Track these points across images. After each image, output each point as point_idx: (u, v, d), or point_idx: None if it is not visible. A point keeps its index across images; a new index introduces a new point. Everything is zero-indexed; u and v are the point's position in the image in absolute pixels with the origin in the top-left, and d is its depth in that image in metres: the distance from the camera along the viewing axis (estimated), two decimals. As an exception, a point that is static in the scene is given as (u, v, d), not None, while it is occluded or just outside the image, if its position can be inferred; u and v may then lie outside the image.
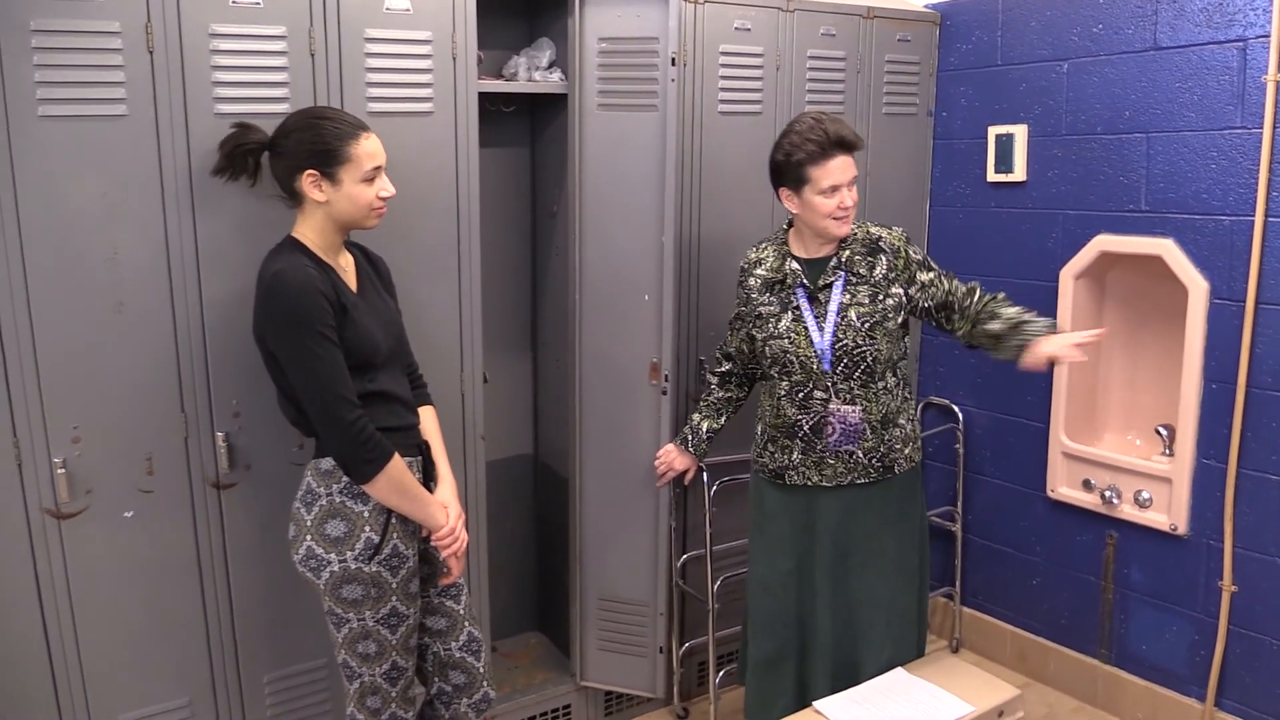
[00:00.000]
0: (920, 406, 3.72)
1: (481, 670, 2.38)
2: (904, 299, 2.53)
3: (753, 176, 3.04)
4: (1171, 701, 3.07)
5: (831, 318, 2.50)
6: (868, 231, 2.55)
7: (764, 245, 2.65)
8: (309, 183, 2.06)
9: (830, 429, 2.52)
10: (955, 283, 2.57)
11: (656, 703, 3.24)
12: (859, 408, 2.51)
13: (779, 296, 2.58)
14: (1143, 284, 3.12)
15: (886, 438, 2.54)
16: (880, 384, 2.53)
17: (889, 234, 2.55)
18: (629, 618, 2.99)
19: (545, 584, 3.45)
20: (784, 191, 2.51)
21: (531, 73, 2.86)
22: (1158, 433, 3.06)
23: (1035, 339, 2.44)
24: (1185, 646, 3.03)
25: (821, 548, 2.60)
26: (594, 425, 2.93)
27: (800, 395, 2.55)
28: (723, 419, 2.83)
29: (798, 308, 2.54)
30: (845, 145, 2.44)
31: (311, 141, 2.06)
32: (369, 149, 2.09)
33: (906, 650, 2.67)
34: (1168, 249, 2.91)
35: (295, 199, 2.12)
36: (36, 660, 2.22)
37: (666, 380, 2.81)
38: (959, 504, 3.63)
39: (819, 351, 2.50)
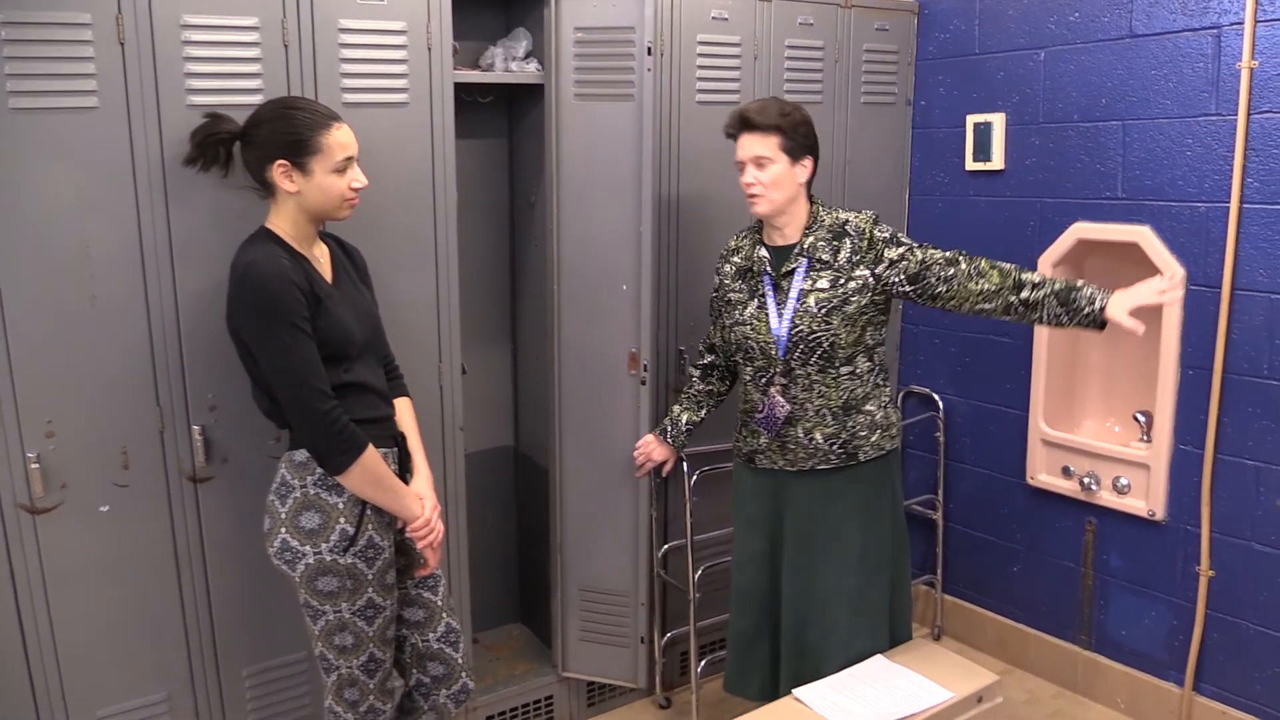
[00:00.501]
0: (901, 395, 3.73)
1: (460, 661, 2.38)
2: (871, 280, 2.47)
3: (731, 166, 3.03)
4: (1150, 686, 3.09)
5: (791, 304, 2.50)
6: (835, 217, 2.52)
7: (743, 234, 2.66)
8: (280, 173, 2.05)
9: (761, 408, 2.57)
10: (932, 252, 2.48)
11: (639, 692, 3.24)
12: (807, 397, 2.52)
13: (749, 284, 2.59)
14: (1120, 271, 3.13)
15: (849, 424, 2.53)
16: (845, 369, 2.51)
17: (856, 217, 2.51)
18: (610, 608, 2.99)
19: (526, 575, 3.45)
20: None
21: (508, 63, 2.86)
22: (1136, 419, 3.08)
23: (1105, 304, 2.37)
24: (1164, 631, 3.05)
25: (789, 532, 2.62)
26: (573, 416, 2.92)
27: (762, 380, 2.58)
28: (703, 412, 2.83)
29: (763, 295, 2.55)
30: (746, 124, 2.47)
31: (283, 131, 2.04)
32: (340, 139, 2.08)
33: (878, 644, 2.62)
34: (1144, 236, 2.93)
35: (267, 189, 2.11)
36: (13, 656, 2.21)
37: (645, 370, 2.81)
38: (939, 492, 3.64)
39: (776, 338, 2.51)
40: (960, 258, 2.47)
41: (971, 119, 3.37)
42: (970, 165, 3.40)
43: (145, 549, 2.32)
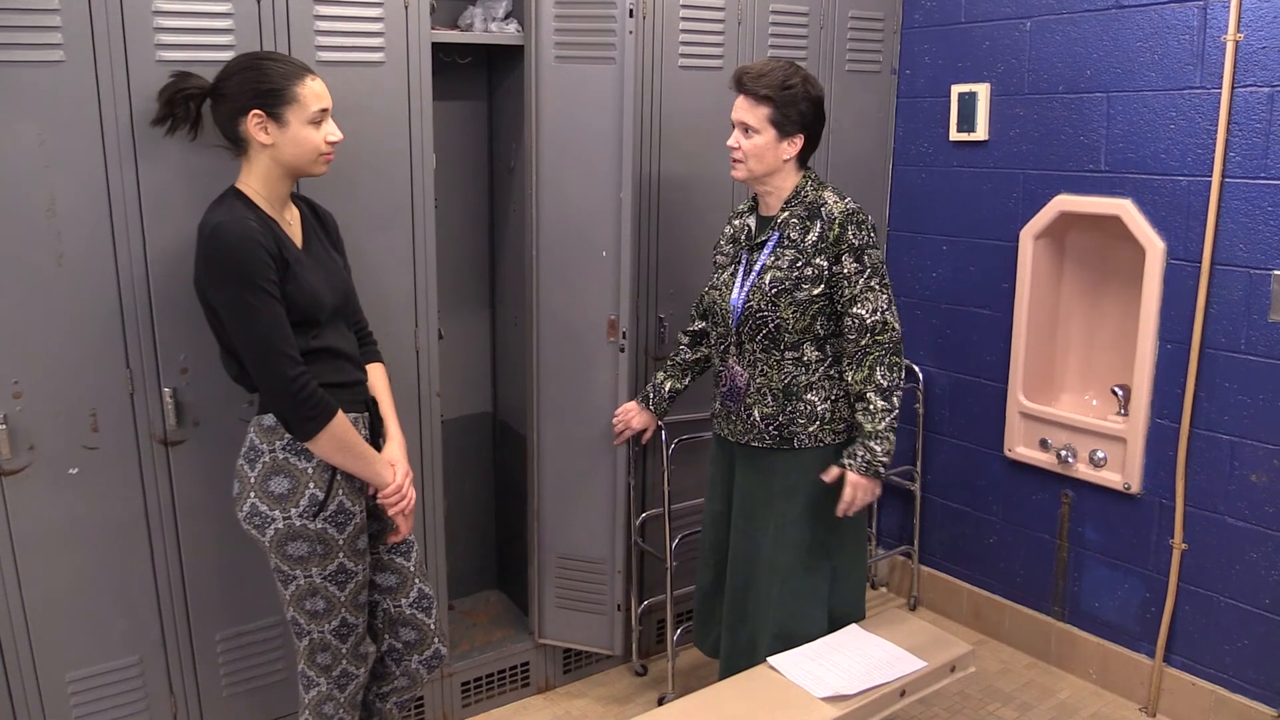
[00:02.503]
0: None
1: (432, 627, 2.37)
2: (825, 273, 2.41)
3: (714, 132, 3.01)
4: (1122, 657, 3.12)
5: (751, 278, 2.48)
6: (817, 195, 2.46)
7: (750, 199, 2.64)
8: (254, 124, 2.01)
9: (723, 380, 2.57)
10: (864, 307, 2.39)
11: (615, 660, 3.25)
12: (751, 374, 2.50)
13: (734, 250, 2.59)
14: (1102, 244, 3.13)
15: (788, 409, 2.49)
16: (790, 354, 2.47)
17: (835, 203, 2.42)
18: (587, 576, 2.99)
19: (504, 542, 3.44)
20: None
21: (487, 23, 2.81)
22: (1114, 393, 3.08)
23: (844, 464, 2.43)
24: (1136, 604, 3.07)
25: (735, 498, 2.65)
26: (552, 383, 2.91)
27: (721, 348, 2.58)
28: (687, 379, 2.82)
29: (738, 263, 2.54)
30: (742, 85, 2.43)
31: (256, 81, 2.00)
32: (316, 89, 2.05)
33: (810, 629, 2.57)
34: (1126, 209, 2.92)
35: (239, 146, 2.07)
36: (-20, 618, 2.19)
37: (624, 338, 2.79)
38: (918, 464, 3.65)
39: (733, 308, 2.50)
40: (867, 337, 2.41)
41: (956, 89, 3.34)
42: (954, 135, 3.38)
43: (115, 512, 2.30)
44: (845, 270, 2.40)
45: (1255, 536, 2.77)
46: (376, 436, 2.23)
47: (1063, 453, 3.15)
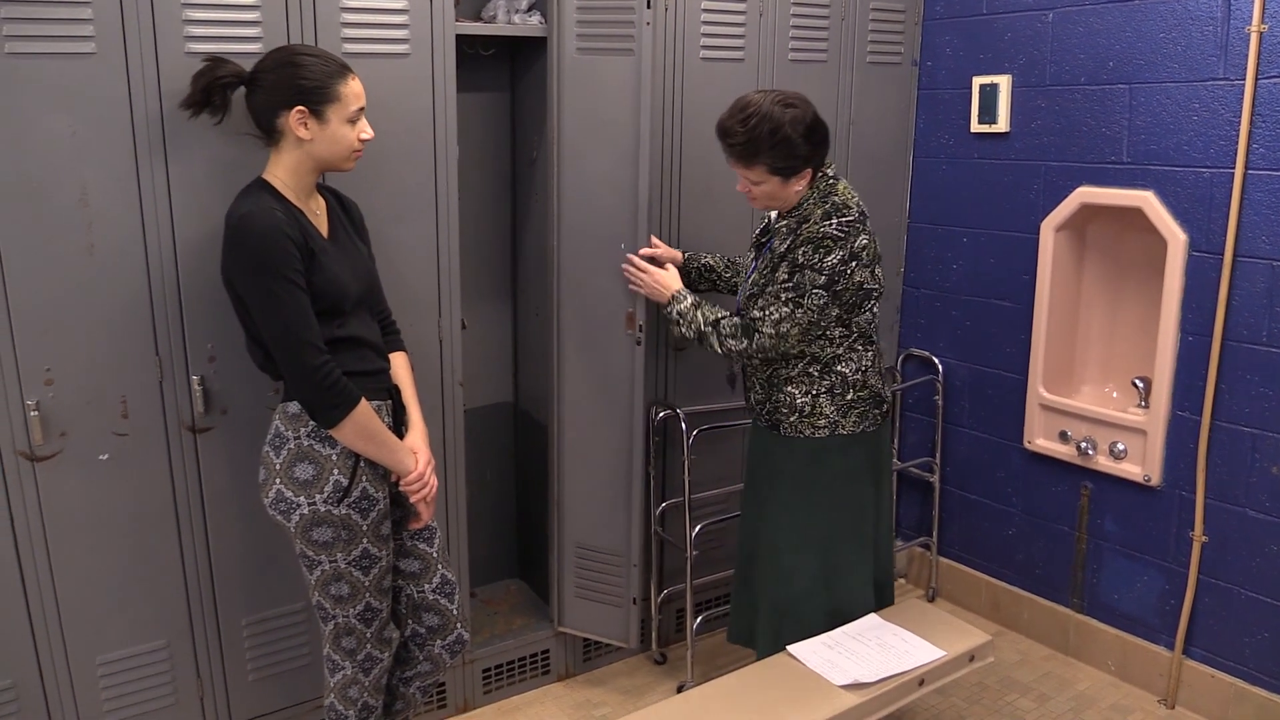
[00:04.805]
0: (900, 358, 3.73)
1: (455, 612, 2.40)
2: None
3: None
4: (1141, 650, 3.12)
5: (749, 275, 2.60)
6: (812, 209, 2.44)
7: None
8: (296, 119, 2.04)
9: None
10: (759, 310, 2.45)
11: (634, 649, 3.27)
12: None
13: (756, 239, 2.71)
14: (1123, 236, 3.12)
15: (773, 396, 2.56)
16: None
17: (814, 224, 2.40)
18: (607, 565, 3.01)
19: (525, 531, 3.47)
20: None
21: (511, 15, 2.83)
22: (1134, 385, 3.08)
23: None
24: (1156, 596, 3.07)
25: (746, 474, 2.75)
26: (573, 373, 2.92)
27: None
28: (723, 265, 2.89)
29: (752, 254, 2.67)
30: (729, 149, 2.45)
31: (300, 78, 2.03)
32: (355, 89, 2.09)
33: (795, 607, 2.58)
34: (1148, 201, 2.91)
35: (272, 137, 2.09)
36: (13, 603, 2.23)
37: (641, 330, 2.80)
38: (937, 455, 3.65)
39: (739, 302, 2.64)
40: (740, 321, 2.51)
41: (977, 80, 3.34)
42: (975, 127, 3.37)
43: (145, 498, 2.34)
44: (777, 275, 2.45)
45: (1276, 529, 2.77)
46: (399, 424, 2.26)
47: (1082, 445, 3.15)
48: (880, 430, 2.62)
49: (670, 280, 2.66)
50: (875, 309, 2.54)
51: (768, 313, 2.44)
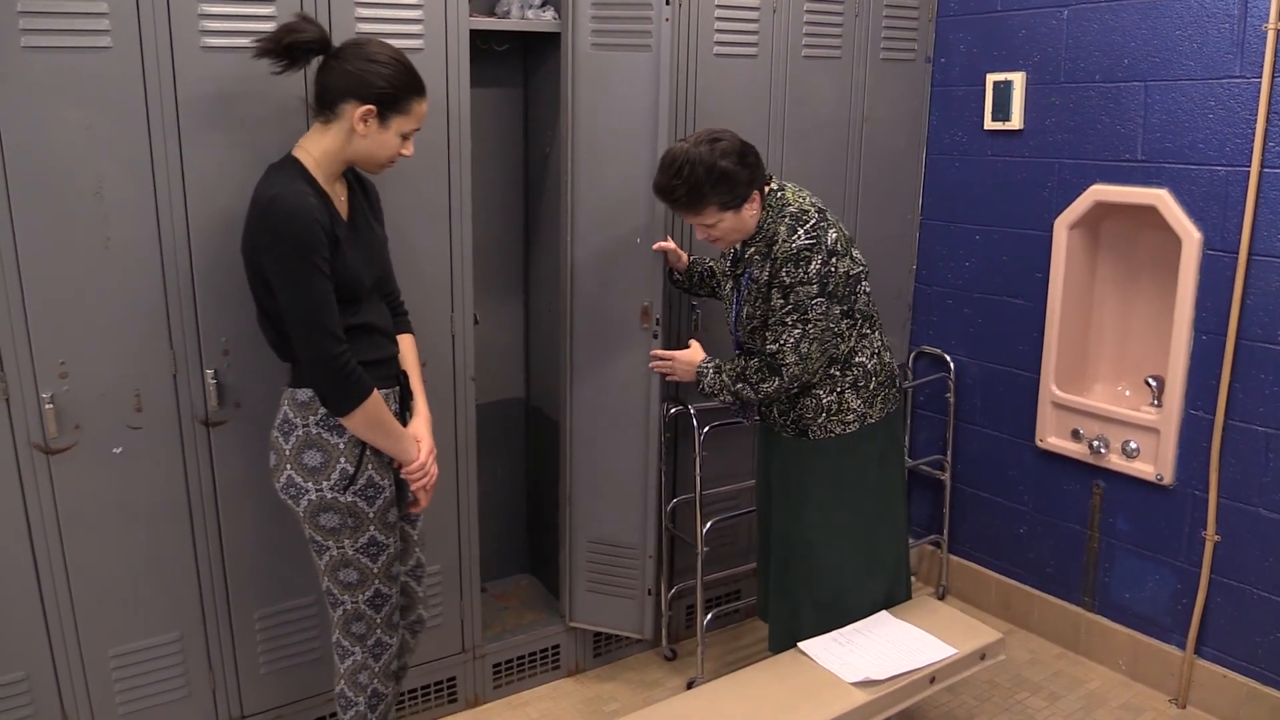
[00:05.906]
0: (912, 356, 3.73)
1: (421, 594, 2.46)
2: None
3: (748, 120, 3.03)
4: (1153, 649, 3.11)
5: (735, 309, 2.62)
6: (774, 228, 2.46)
7: None
8: (361, 114, 2.03)
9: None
10: (773, 340, 2.45)
11: (645, 644, 3.28)
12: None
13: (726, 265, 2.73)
14: (1137, 234, 3.11)
15: (798, 405, 2.56)
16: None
17: (784, 240, 2.42)
18: (618, 560, 3.01)
19: (536, 526, 3.47)
20: None
21: (524, 11, 2.83)
22: (1147, 384, 3.07)
23: None
24: (1167, 595, 3.06)
25: (773, 481, 2.73)
26: (585, 369, 2.93)
27: (738, 352, 2.69)
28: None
29: (731, 285, 2.66)
30: (675, 207, 2.48)
31: (385, 79, 2.02)
32: (422, 111, 2.12)
33: (831, 601, 2.62)
34: (1162, 199, 2.90)
35: (326, 116, 2.06)
36: (27, 595, 2.24)
37: (658, 324, 2.80)
38: (948, 453, 3.65)
39: (732, 329, 2.66)
40: (760, 361, 2.50)
41: (991, 77, 3.33)
42: (989, 124, 3.36)
43: (158, 491, 2.35)
44: (773, 304, 2.46)
45: (1290, 529, 2.76)
46: (405, 410, 2.27)
47: (1095, 443, 3.14)
48: (900, 408, 2.69)
49: (694, 356, 2.69)
50: (867, 288, 2.56)
51: (783, 342, 2.44)
